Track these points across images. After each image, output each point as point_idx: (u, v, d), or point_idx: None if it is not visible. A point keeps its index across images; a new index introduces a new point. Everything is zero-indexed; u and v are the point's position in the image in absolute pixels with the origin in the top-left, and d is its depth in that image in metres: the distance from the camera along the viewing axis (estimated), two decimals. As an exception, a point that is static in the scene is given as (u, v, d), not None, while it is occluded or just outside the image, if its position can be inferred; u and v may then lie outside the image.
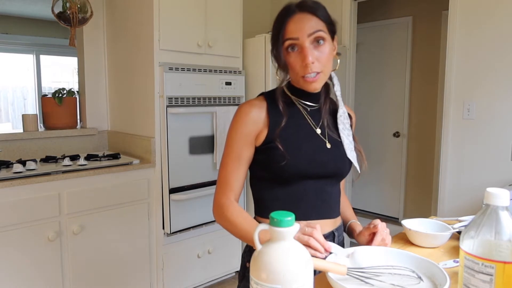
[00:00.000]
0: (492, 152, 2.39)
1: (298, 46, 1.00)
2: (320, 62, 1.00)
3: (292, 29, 0.99)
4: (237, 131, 1.06)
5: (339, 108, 1.12)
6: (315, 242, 0.90)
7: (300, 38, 0.99)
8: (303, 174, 1.04)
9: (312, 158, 1.04)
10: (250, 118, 1.05)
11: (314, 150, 1.05)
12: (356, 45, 3.33)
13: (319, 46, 1.00)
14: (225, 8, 2.65)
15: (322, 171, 1.06)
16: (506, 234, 0.67)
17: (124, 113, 2.73)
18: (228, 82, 2.65)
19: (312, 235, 0.90)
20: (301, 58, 0.99)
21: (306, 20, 0.99)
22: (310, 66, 0.99)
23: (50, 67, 6.04)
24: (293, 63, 1.01)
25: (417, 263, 0.89)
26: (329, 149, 1.07)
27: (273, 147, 1.03)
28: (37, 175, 1.99)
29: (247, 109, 1.06)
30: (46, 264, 2.02)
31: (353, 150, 1.10)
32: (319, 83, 1.03)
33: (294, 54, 1.01)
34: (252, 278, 0.62)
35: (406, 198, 4.05)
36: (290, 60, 1.01)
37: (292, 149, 1.03)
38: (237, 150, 1.05)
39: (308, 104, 1.09)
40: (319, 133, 1.08)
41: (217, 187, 1.07)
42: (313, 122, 1.09)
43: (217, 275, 2.78)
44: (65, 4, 2.41)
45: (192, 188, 2.51)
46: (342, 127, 1.10)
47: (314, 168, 1.04)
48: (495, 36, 2.34)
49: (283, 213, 0.63)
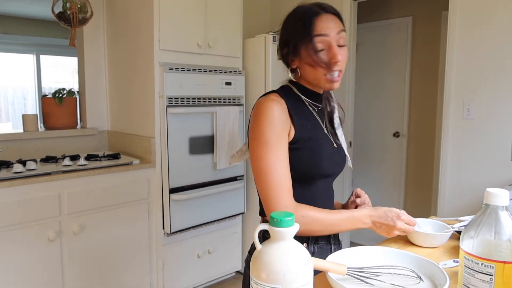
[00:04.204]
0: (492, 152, 2.39)
1: (325, 45, 1.00)
2: (343, 62, 1.02)
3: (323, 26, 1.00)
4: (272, 128, 0.97)
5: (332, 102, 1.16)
6: (406, 215, 0.98)
7: (330, 34, 0.99)
8: (324, 174, 1.06)
9: (331, 158, 1.07)
10: (282, 114, 1.00)
11: (329, 150, 1.08)
12: (356, 45, 3.33)
13: (341, 48, 1.01)
14: (225, 8, 2.65)
15: (336, 170, 1.10)
16: (506, 234, 0.67)
17: (124, 113, 2.73)
18: (228, 82, 2.65)
19: (399, 215, 0.97)
20: (329, 56, 0.99)
21: (333, 20, 1.02)
22: (338, 64, 1.00)
23: (50, 67, 6.04)
24: (319, 61, 0.99)
25: (417, 263, 0.89)
26: (336, 149, 1.10)
27: (299, 147, 1.02)
28: (37, 175, 1.99)
29: (273, 105, 0.99)
30: (46, 264, 2.02)
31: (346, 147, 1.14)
32: (339, 83, 1.04)
33: (322, 53, 1.00)
34: (252, 278, 0.62)
35: (406, 198, 4.04)
36: (316, 59, 0.99)
37: (316, 150, 1.04)
38: (281, 149, 0.97)
39: (315, 104, 1.11)
40: (326, 132, 1.10)
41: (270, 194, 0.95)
42: (321, 122, 1.11)
43: (217, 275, 2.78)
44: (65, 4, 2.41)
45: (192, 188, 2.51)
46: (337, 125, 1.14)
47: (332, 168, 1.08)
48: (495, 36, 2.34)
49: (283, 213, 0.63)
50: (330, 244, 1.12)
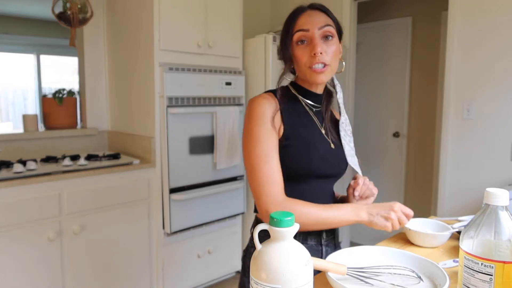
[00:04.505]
0: (492, 152, 2.39)
1: (307, 39, 1.01)
2: (327, 55, 1.01)
3: (303, 21, 1.02)
4: (262, 124, 0.99)
5: (341, 115, 1.14)
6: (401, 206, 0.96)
7: (311, 29, 1.01)
8: (315, 174, 1.05)
9: (323, 158, 1.05)
10: (270, 111, 1.01)
11: (325, 150, 1.06)
12: (356, 45, 3.33)
13: (327, 41, 1.02)
14: (225, 8, 2.65)
15: (330, 171, 1.08)
16: (506, 234, 0.67)
17: (124, 113, 2.73)
18: (228, 82, 2.65)
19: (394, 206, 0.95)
20: (310, 49, 1.00)
21: (317, 15, 1.03)
22: (318, 56, 0.99)
23: (50, 67, 6.04)
24: (301, 55, 1.02)
25: (417, 263, 0.89)
26: (334, 150, 1.09)
27: (288, 145, 1.02)
28: (37, 175, 1.99)
29: (263, 102, 1.02)
30: (46, 264, 2.02)
31: (354, 156, 1.12)
32: (326, 76, 1.02)
33: (303, 47, 1.02)
34: (252, 278, 0.62)
35: (406, 198, 4.05)
36: (298, 52, 1.02)
37: (306, 147, 1.03)
38: (270, 144, 0.98)
39: (312, 104, 1.10)
40: (324, 133, 1.09)
41: (261, 189, 0.96)
42: (318, 122, 1.10)
43: (217, 275, 2.78)
44: (65, 4, 2.41)
45: (192, 188, 2.51)
46: (344, 133, 1.12)
47: (324, 168, 1.06)
48: (495, 36, 2.34)
49: (283, 213, 0.63)
50: (321, 245, 1.08)
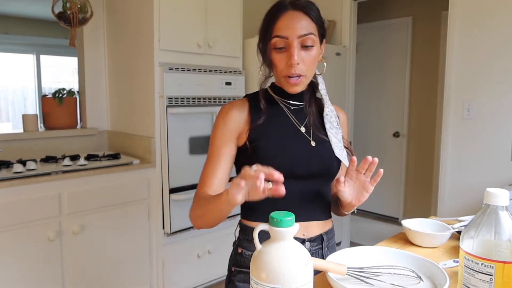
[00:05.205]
0: (492, 152, 2.39)
1: (285, 45, 0.97)
2: (305, 64, 0.98)
3: (283, 26, 0.97)
4: (217, 130, 1.06)
5: (325, 107, 1.09)
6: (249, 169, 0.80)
7: (290, 38, 0.96)
8: (290, 174, 0.98)
9: (295, 157, 1.01)
10: (230, 116, 1.05)
11: (298, 149, 1.03)
12: (356, 45, 3.33)
13: (306, 49, 0.98)
14: (225, 8, 2.65)
15: (306, 171, 1.02)
16: (506, 234, 0.67)
17: (124, 113, 2.73)
18: (228, 82, 2.65)
19: None
20: (287, 57, 0.97)
21: (298, 19, 0.97)
22: (294, 67, 0.97)
23: (50, 67, 6.04)
24: (278, 61, 0.99)
25: (417, 263, 0.89)
26: (314, 148, 1.04)
27: (255, 146, 1.01)
28: (37, 175, 1.99)
29: (227, 108, 1.07)
30: (46, 264, 2.02)
31: (342, 148, 1.06)
32: (300, 87, 1.02)
33: (280, 52, 0.98)
34: (252, 278, 0.62)
35: (406, 198, 4.05)
36: (276, 57, 0.99)
37: (275, 148, 1.01)
38: (217, 149, 1.06)
39: (292, 103, 1.08)
40: (304, 131, 1.06)
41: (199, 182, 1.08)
42: (297, 120, 1.07)
43: (217, 275, 2.78)
44: (65, 4, 2.41)
45: (192, 188, 2.51)
46: (330, 125, 1.07)
47: (297, 167, 1.01)
48: (495, 36, 2.34)
49: (283, 213, 0.63)
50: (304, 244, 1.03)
